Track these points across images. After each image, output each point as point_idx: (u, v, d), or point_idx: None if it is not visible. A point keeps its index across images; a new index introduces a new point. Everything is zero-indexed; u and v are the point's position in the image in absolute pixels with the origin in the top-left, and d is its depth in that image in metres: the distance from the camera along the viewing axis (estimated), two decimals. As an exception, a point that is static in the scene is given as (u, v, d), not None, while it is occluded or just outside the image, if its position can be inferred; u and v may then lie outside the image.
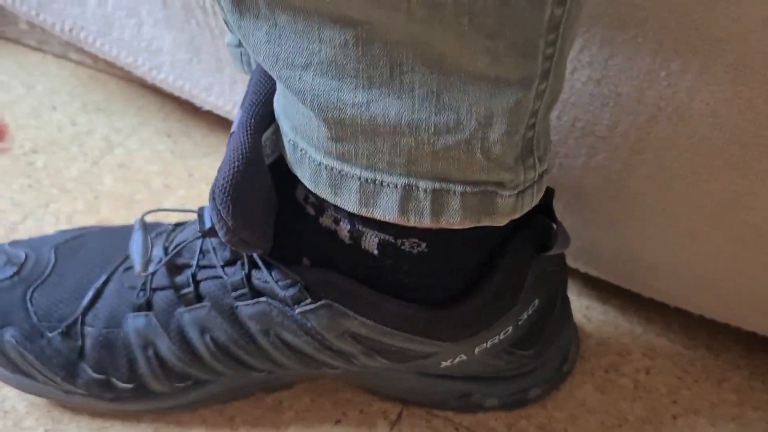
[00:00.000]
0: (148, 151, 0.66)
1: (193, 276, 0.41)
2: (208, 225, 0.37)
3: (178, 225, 0.45)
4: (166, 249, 0.42)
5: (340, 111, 0.30)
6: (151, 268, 0.41)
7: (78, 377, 0.43)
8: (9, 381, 0.45)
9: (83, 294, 0.44)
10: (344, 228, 0.37)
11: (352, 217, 0.36)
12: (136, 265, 0.41)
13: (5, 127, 0.68)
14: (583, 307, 0.54)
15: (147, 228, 0.43)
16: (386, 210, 0.33)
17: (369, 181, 0.32)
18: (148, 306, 0.42)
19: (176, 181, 0.63)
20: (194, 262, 0.41)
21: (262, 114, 0.35)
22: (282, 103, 0.34)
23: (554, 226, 0.39)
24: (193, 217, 0.45)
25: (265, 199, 0.36)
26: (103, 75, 0.75)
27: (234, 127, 0.35)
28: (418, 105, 0.29)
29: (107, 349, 0.43)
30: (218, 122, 0.69)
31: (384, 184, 0.32)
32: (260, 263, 0.38)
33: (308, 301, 0.37)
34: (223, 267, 0.40)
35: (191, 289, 0.40)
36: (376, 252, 0.37)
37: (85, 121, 0.69)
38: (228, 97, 0.58)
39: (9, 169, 0.64)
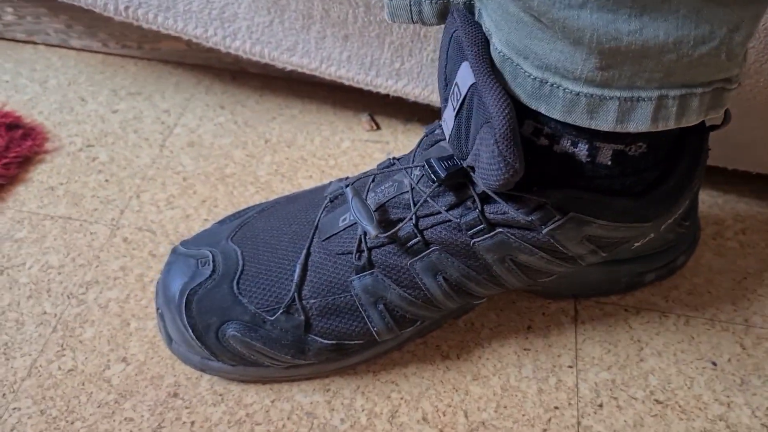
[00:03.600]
0: (211, 125, 0.65)
1: (416, 226, 0.43)
2: (443, 174, 0.41)
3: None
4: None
5: (617, 41, 0.34)
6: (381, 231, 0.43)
7: (308, 351, 0.45)
8: (229, 374, 0.46)
9: (290, 273, 0.45)
10: (582, 149, 0.41)
11: (591, 137, 0.40)
12: (371, 229, 0.42)
13: (40, 126, 0.63)
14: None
15: (359, 193, 0.44)
16: (640, 122, 0.37)
17: (627, 99, 0.37)
18: (370, 265, 0.44)
19: (256, 150, 0.63)
20: (411, 214, 0.43)
21: (489, 61, 0.38)
22: (525, 44, 0.37)
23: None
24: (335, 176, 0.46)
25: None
26: (114, 58, 0.71)
27: (472, 78, 0.37)
28: (681, 23, 0.34)
29: (336, 315, 0.44)
30: (265, 86, 0.69)
31: (640, 99, 0.37)
32: (497, 198, 0.41)
33: (556, 218, 0.41)
34: (447, 211, 0.42)
35: (419, 238, 0.43)
36: (610, 162, 0.41)
37: (126, 107, 0.66)
38: (314, 54, 0.58)
39: (75, 168, 0.60)
